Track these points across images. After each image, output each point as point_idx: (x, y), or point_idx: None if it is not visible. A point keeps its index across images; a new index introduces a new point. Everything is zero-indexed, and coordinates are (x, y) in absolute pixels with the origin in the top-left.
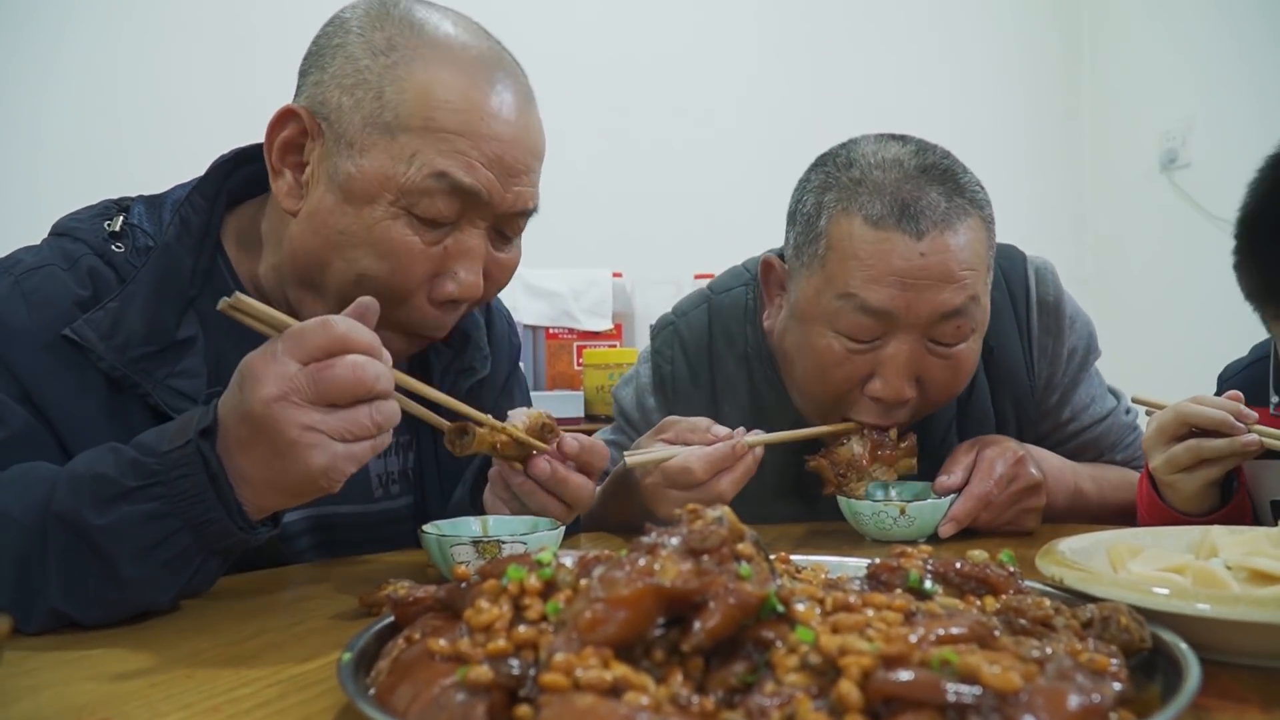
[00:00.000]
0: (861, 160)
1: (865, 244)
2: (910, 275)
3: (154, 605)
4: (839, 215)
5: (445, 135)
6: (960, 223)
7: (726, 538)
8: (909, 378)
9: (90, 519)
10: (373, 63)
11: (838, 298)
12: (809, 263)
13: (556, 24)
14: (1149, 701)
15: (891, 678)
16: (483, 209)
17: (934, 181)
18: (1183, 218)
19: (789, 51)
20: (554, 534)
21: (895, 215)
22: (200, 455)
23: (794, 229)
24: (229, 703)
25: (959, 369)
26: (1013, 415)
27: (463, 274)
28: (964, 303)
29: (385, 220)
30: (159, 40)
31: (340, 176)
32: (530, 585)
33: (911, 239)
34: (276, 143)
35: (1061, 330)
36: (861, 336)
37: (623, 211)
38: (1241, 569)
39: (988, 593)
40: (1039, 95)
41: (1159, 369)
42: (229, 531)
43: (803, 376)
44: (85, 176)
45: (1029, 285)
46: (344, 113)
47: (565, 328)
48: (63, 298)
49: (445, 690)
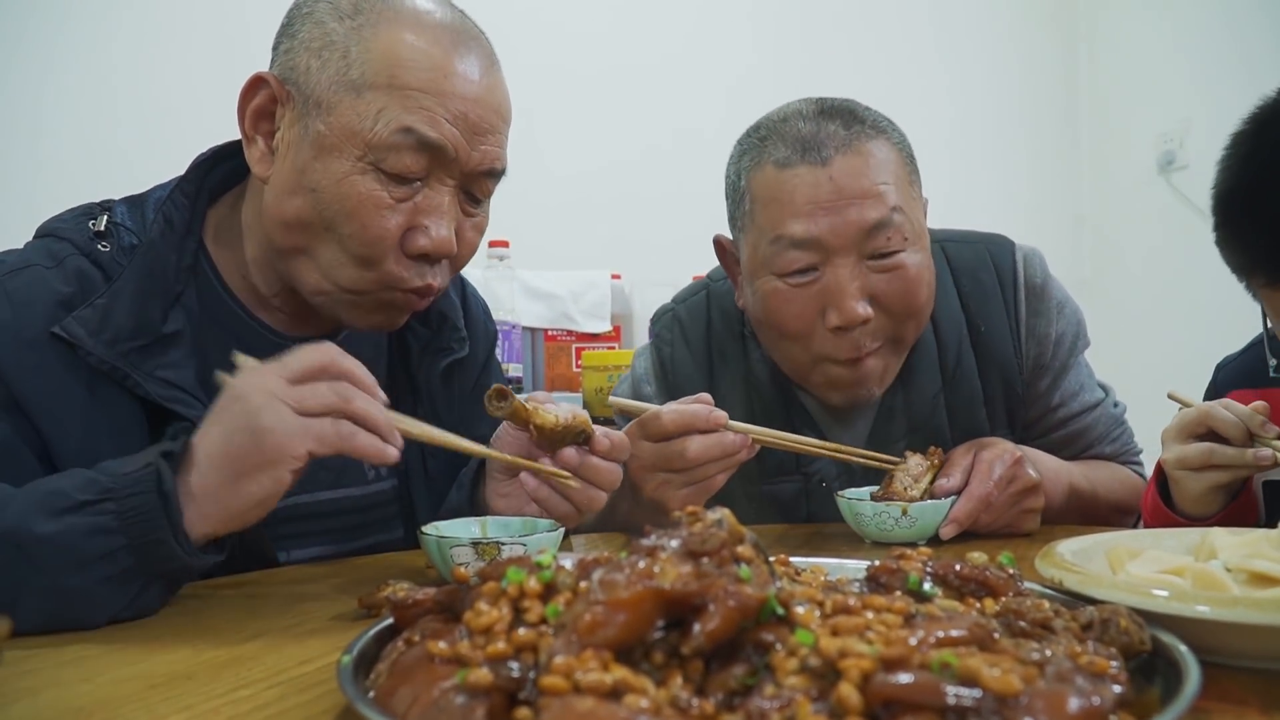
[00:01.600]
0: (766, 122)
1: (779, 186)
2: (826, 201)
3: (89, 623)
4: (753, 171)
5: (410, 93)
6: (863, 145)
7: (726, 540)
8: (858, 299)
9: (35, 529)
10: (339, 25)
11: (770, 243)
12: (743, 225)
13: (551, 32)
14: (1149, 704)
15: (891, 680)
16: (450, 166)
17: (832, 118)
18: (1180, 219)
19: (785, 54)
20: (553, 536)
21: (799, 152)
22: (156, 474)
23: (728, 204)
24: (228, 705)
25: (906, 277)
26: (1001, 394)
27: (434, 228)
28: (885, 214)
29: (353, 175)
30: (155, 39)
31: (311, 135)
32: (530, 588)
33: (818, 167)
34: (249, 111)
35: (1049, 313)
36: (801, 270)
37: (621, 214)
38: (1241, 571)
39: (987, 595)
40: (1037, 97)
41: (1157, 369)
42: (172, 555)
43: (766, 333)
44: (84, 176)
45: (1016, 270)
46: (312, 75)
47: (564, 330)
48: (47, 296)
49: (445, 693)
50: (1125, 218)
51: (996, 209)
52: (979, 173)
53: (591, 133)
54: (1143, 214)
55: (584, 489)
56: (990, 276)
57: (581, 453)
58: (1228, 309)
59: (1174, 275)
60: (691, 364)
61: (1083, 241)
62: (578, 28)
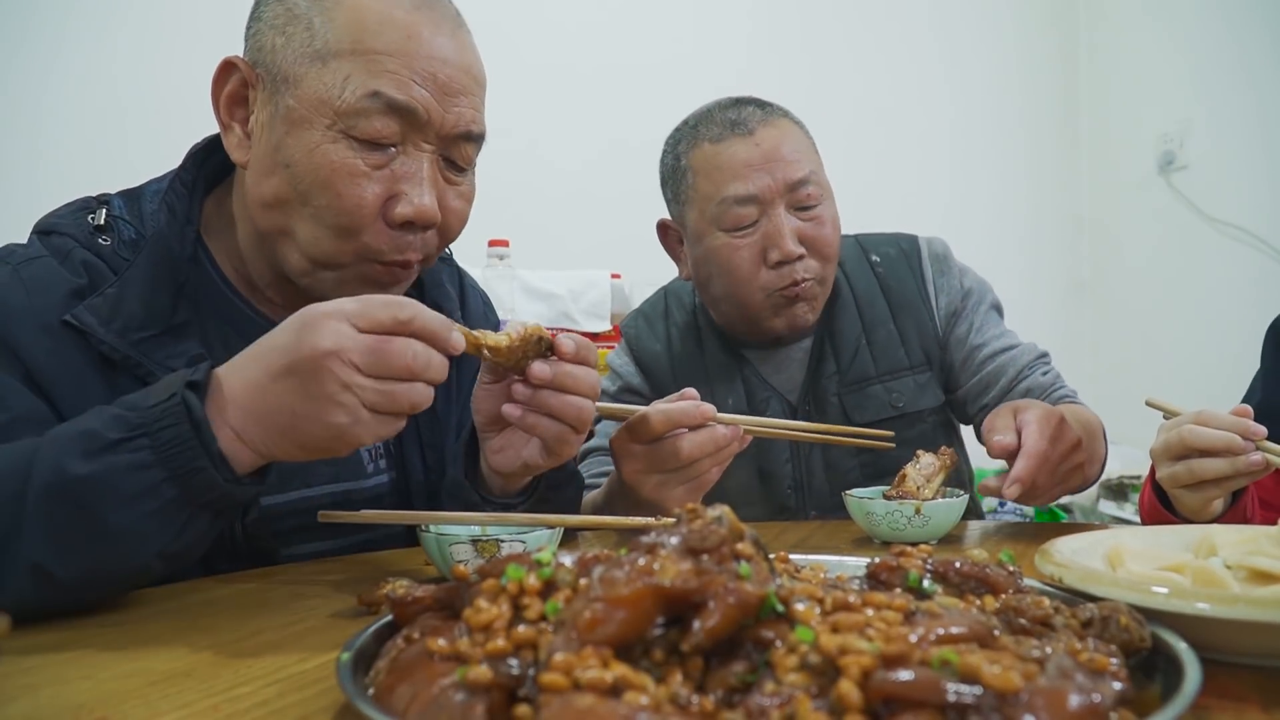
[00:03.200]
0: (692, 117)
1: (717, 157)
2: (755, 163)
3: (139, 561)
4: (691, 150)
5: (376, 56)
6: (777, 120)
7: (726, 537)
8: (792, 238)
9: (74, 469)
10: (302, 1)
11: (716, 205)
12: (688, 198)
13: (550, 31)
14: (1149, 701)
15: (891, 677)
16: (424, 130)
17: (747, 104)
18: (1180, 219)
19: (785, 55)
20: (553, 533)
21: (728, 129)
22: (185, 405)
23: (668, 187)
24: (227, 702)
25: (824, 224)
26: (916, 339)
27: (414, 195)
28: (805, 174)
29: (324, 144)
30: (159, 39)
31: (281, 112)
32: (529, 585)
33: (745, 137)
34: (222, 98)
35: (953, 271)
36: (744, 224)
37: (621, 213)
38: (1241, 568)
39: (987, 592)
40: (1037, 98)
41: (1156, 369)
42: (214, 482)
43: (718, 284)
44: (85, 175)
45: (919, 244)
46: (278, 52)
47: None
48: (60, 285)
49: (444, 690)
50: (1125, 218)
51: (996, 209)
52: (979, 173)
53: (591, 131)
54: (1142, 214)
55: (568, 401)
56: (896, 250)
57: (552, 364)
58: (1227, 309)
59: (1174, 275)
60: (655, 340)
61: (1082, 242)
62: (578, 26)
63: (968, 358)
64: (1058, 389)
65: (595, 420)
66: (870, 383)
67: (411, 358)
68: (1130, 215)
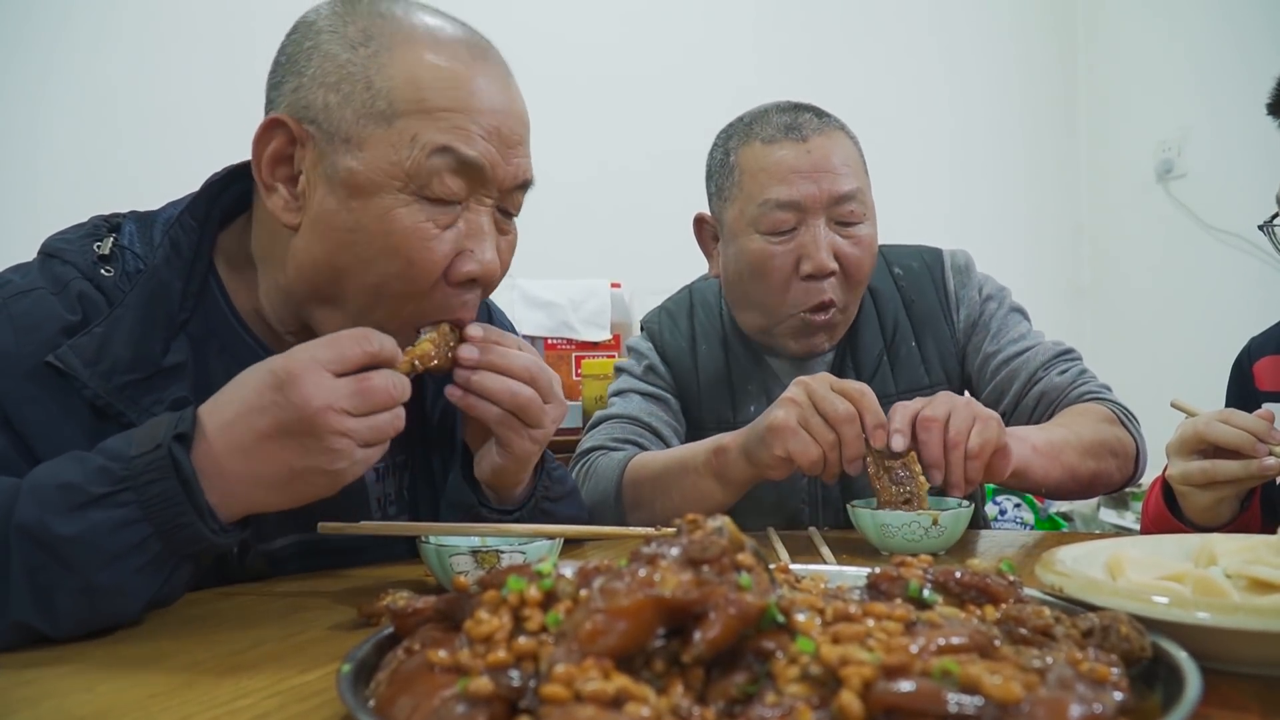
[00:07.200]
0: (748, 114)
1: (766, 158)
2: (805, 170)
3: (125, 615)
4: (742, 148)
5: (440, 114)
6: (832, 132)
7: (726, 548)
8: (828, 252)
9: (57, 529)
10: (353, 55)
11: (758, 206)
12: (731, 194)
13: (551, 43)
14: (1150, 710)
15: (893, 688)
16: (487, 184)
17: (805, 110)
18: (1179, 227)
19: (786, 64)
20: (553, 544)
21: (783, 131)
22: (171, 459)
23: (713, 181)
24: (228, 714)
25: (862, 245)
26: (936, 357)
27: (479, 252)
28: (852, 189)
29: (397, 208)
30: (156, 46)
31: (341, 174)
32: (530, 596)
33: (798, 143)
34: (265, 157)
35: (974, 281)
36: (782, 229)
37: (621, 222)
38: (1241, 577)
39: (988, 602)
40: (1036, 107)
41: (1156, 378)
42: (201, 536)
43: (746, 286)
44: (84, 183)
45: (942, 257)
46: (333, 110)
47: (564, 338)
48: (50, 322)
49: (445, 702)
50: (1124, 226)
51: (996, 218)
52: (979, 181)
53: (592, 142)
54: (1142, 222)
55: (495, 381)
56: (920, 263)
57: (480, 346)
58: (1227, 316)
59: (1172, 283)
60: (679, 335)
61: (1082, 250)
62: (578, 38)
63: (983, 365)
64: (1078, 386)
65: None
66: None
67: (391, 387)
68: (1129, 223)
